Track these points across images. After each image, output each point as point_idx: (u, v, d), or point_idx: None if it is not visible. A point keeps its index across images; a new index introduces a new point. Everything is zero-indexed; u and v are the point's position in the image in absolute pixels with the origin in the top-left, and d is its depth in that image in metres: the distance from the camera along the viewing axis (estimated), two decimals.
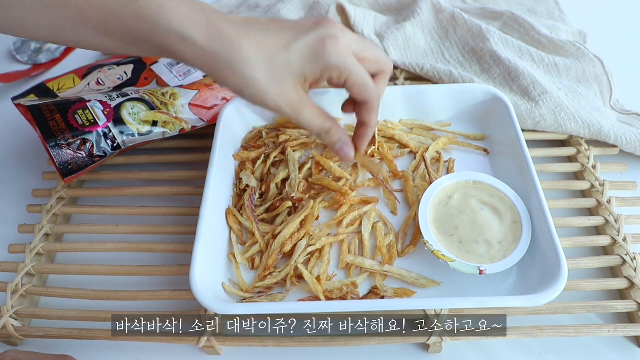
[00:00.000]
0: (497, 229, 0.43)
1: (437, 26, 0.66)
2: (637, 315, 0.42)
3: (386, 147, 0.51)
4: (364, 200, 0.48)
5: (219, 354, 0.42)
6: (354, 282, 0.42)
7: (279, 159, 0.51)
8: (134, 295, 0.44)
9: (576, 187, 0.51)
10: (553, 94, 0.54)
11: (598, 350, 0.42)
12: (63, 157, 0.48)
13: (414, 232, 0.46)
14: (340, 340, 0.41)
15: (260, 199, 0.48)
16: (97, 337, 0.42)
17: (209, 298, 0.38)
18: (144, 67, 0.57)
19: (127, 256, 0.48)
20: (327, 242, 0.44)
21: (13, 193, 0.55)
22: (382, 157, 0.50)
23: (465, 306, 0.40)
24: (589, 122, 0.53)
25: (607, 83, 0.59)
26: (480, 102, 0.52)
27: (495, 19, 0.67)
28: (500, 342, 0.42)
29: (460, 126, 0.54)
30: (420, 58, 0.64)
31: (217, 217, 0.45)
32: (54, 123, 0.48)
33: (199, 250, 0.41)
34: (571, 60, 0.60)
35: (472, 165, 0.51)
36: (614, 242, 0.46)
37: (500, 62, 0.59)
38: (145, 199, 0.53)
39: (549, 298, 0.37)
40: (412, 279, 0.42)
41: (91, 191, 0.53)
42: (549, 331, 0.41)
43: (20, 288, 0.45)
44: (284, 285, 0.43)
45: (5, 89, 0.66)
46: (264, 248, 0.45)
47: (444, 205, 0.45)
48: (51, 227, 0.49)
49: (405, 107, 0.53)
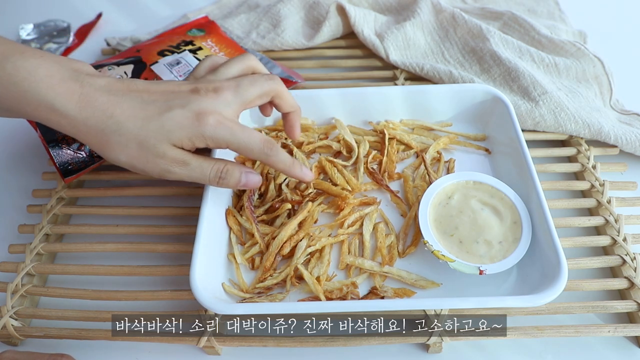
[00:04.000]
0: (497, 229, 0.43)
1: (437, 26, 0.66)
2: (637, 315, 0.42)
3: (394, 149, 0.51)
4: (364, 202, 0.48)
5: (218, 354, 0.42)
6: (354, 282, 0.42)
7: None
8: (134, 295, 0.44)
9: (576, 187, 0.51)
10: (553, 94, 0.54)
11: (598, 350, 0.42)
12: (63, 157, 0.48)
13: (415, 232, 0.46)
14: (340, 340, 0.41)
15: (259, 200, 0.48)
16: (97, 337, 0.42)
17: (209, 298, 0.38)
18: (144, 67, 0.57)
19: (127, 256, 0.48)
20: (327, 242, 0.44)
21: (13, 193, 0.55)
22: (388, 158, 0.50)
23: (465, 306, 0.40)
24: (589, 122, 0.53)
25: (607, 83, 0.59)
26: (480, 102, 0.52)
27: (495, 19, 0.67)
28: (500, 342, 0.42)
29: (460, 126, 0.54)
30: (420, 58, 0.64)
31: (217, 217, 0.45)
32: None
33: (199, 251, 0.41)
34: (571, 60, 0.59)
35: (472, 165, 0.51)
36: (614, 242, 0.46)
37: (500, 62, 0.59)
38: (145, 199, 0.53)
39: (549, 298, 0.37)
40: (412, 280, 0.42)
41: (91, 191, 0.53)
42: (549, 331, 0.41)
43: (20, 288, 0.45)
44: (284, 286, 0.43)
45: None
46: (264, 249, 0.45)
47: (444, 206, 0.45)
48: (51, 227, 0.49)
49: (405, 107, 0.53)
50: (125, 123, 0.36)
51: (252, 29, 0.69)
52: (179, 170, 0.38)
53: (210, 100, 0.38)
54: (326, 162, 0.49)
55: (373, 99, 0.53)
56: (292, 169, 0.42)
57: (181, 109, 0.37)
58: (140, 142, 0.37)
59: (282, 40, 0.66)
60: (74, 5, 0.79)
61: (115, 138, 0.37)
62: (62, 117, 0.36)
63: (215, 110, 0.37)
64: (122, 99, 0.37)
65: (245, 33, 0.69)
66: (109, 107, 0.36)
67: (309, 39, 0.67)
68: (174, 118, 0.37)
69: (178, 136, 0.37)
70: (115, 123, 0.36)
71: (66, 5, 0.79)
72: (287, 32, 0.67)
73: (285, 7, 0.69)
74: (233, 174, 0.40)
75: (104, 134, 0.36)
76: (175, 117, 0.37)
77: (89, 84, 0.37)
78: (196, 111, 0.37)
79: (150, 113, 0.37)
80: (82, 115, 0.36)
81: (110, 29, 0.75)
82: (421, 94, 0.53)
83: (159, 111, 0.37)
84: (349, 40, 0.68)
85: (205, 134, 0.37)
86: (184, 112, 0.37)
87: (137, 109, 0.37)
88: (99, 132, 0.36)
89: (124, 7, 0.79)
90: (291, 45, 0.66)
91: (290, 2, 0.69)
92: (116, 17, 0.77)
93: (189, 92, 0.38)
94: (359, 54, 0.66)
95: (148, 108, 0.37)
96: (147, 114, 0.37)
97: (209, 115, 0.37)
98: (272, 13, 0.69)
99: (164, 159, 0.37)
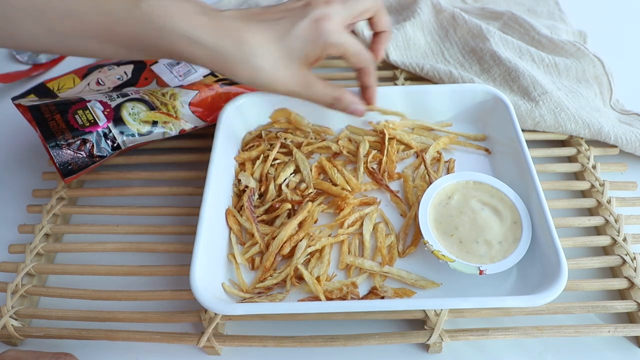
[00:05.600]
0: (497, 229, 0.43)
1: (437, 26, 0.66)
2: (637, 315, 0.42)
3: (394, 149, 0.51)
4: (365, 202, 0.48)
5: (218, 354, 0.42)
6: (354, 282, 0.42)
7: (280, 161, 0.51)
8: (134, 295, 0.44)
9: (576, 187, 0.51)
10: (553, 94, 0.54)
11: (598, 350, 0.42)
12: (63, 157, 0.48)
13: (415, 232, 0.46)
14: (340, 340, 0.41)
15: (259, 200, 0.48)
16: (97, 337, 0.42)
17: (209, 298, 0.38)
18: (144, 67, 0.57)
19: (127, 256, 0.48)
20: (328, 242, 0.44)
21: (13, 193, 0.55)
22: (388, 158, 0.50)
23: (465, 306, 0.40)
24: (589, 122, 0.53)
25: (607, 83, 0.59)
26: (480, 102, 0.52)
27: (495, 19, 0.67)
28: (500, 342, 0.42)
29: (460, 126, 0.54)
30: (420, 58, 0.64)
31: (217, 217, 0.45)
32: (54, 123, 0.48)
33: (199, 251, 0.41)
34: (571, 60, 0.60)
35: (472, 165, 0.51)
36: (614, 242, 0.46)
37: (500, 62, 0.59)
38: (145, 199, 0.53)
39: (549, 298, 0.37)
40: (412, 280, 0.42)
41: (91, 191, 0.53)
42: (549, 331, 0.41)
43: (20, 288, 0.45)
44: (284, 286, 0.43)
45: (5, 89, 0.66)
46: (264, 249, 0.45)
47: (444, 206, 0.45)
48: (51, 227, 0.49)
49: (405, 107, 0.53)
50: (260, 47, 0.39)
51: None
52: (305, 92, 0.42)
53: (324, 8, 0.40)
54: (326, 162, 0.49)
55: None
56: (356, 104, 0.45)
57: (302, 20, 0.40)
58: (273, 63, 0.40)
59: None
60: None
61: (253, 62, 0.39)
62: (200, 47, 0.38)
63: (329, 15, 0.40)
64: (249, 25, 0.40)
65: None
66: (241, 34, 0.39)
67: None
68: (299, 32, 0.40)
69: (305, 52, 0.40)
70: (250, 49, 0.39)
71: None
72: None
73: None
74: (343, 101, 0.43)
75: (243, 59, 0.39)
76: (299, 31, 0.40)
77: (217, 15, 0.39)
78: (314, 18, 0.40)
79: (278, 32, 0.40)
80: (218, 45, 0.39)
81: None
82: (421, 94, 0.53)
83: (285, 29, 0.40)
84: None
85: (327, 39, 0.40)
86: (306, 23, 0.40)
87: (265, 32, 0.40)
88: (234, 59, 0.39)
89: None
90: None
91: None
92: None
93: (304, 7, 0.41)
94: None
95: (275, 28, 0.40)
96: (275, 34, 0.40)
97: (325, 20, 0.40)
98: None
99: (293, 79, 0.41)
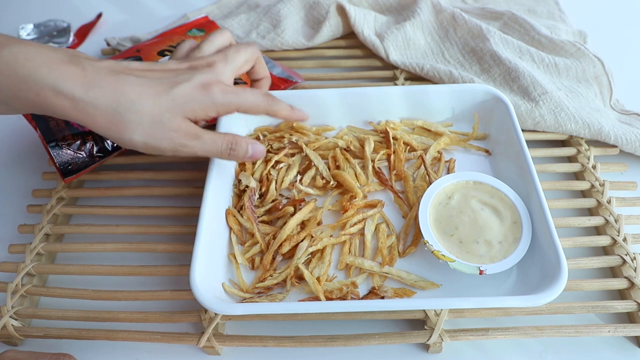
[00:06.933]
0: (497, 229, 0.43)
1: (437, 26, 0.66)
2: (637, 315, 0.42)
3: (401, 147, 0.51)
4: (368, 204, 0.48)
5: (218, 354, 0.42)
6: (354, 282, 0.42)
7: (282, 163, 0.51)
8: (134, 295, 0.44)
9: (576, 187, 0.51)
10: (553, 94, 0.54)
11: (598, 350, 0.42)
12: (63, 157, 0.48)
13: (415, 232, 0.46)
14: (340, 340, 0.41)
15: (259, 200, 0.48)
16: (97, 337, 0.42)
17: (209, 298, 0.38)
18: None
19: (127, 256, 0.48)
20: (329, 242, 0.44)
21: (13, 193, 0.55)
22: (396, 157, 0.50)
23: (465, 306, 0.40)
24: (589, 122, 0.53)
25: (607, 83, 0.59)
26: (480, 102, 0.52)
27: (495, 19, 0.67)
28: (500, 342, 0.42)
29: (460, 126, 0.54)
30: (420, 58, 0.64)
31: (217, 217, 0.45)
32: (54, 123, 0.48)
33: (199, 251, 0.41)
34: (571, 60, 0.60)
35: (472, 165, 0.51)
36: (614, 242, 0.46)
37: (500, 62, 0.59)
38: (145, 199, 0.53)
39: (549, 298, 0.37)
40: (412, 280, 0.42)
41: (91, 191, 0.53)
42: (549, 331, 0.41)
43: (20, 288, 0.45)
44: (284, 286, 0.43)
45: None
46: (265, 249, 0.45)
47: (444, 206, 0.45)
48: (51, 227, 0.49)
49: (405, 107, 0.53)
50: (138, 100, 0.37)
51: (252, 29, 0.69)
52: (193, 144, 0.40)
53: (209, 73, 0.40)
54: (340, 155, 0.49)
55: (373, 99, 0.53)
56: (293, 113, 0.45)
57: (187, 82, 0.39)
58: (154, 117, 0.37)
59: (282, 40, 0.66)
60: (74, 5, 0.79)
61: (128, 116, 0.37)
62: (68, 99, 0.35)
63: (217, 80, 0.40)
64: (127, 78, 0.37)
65: (245, 33, 0.69)
66: (118, 86, 0.36)
67: (309, 39, 0.67)
68: (183, 92, 0.38)
69: (191, 108, 0.39)
70: (128, 101, 0.36)
71: (66, 5, 0.79)
72: (287, 32, 0.67)
73: (285, 7, 0.69)
74: (241, 145, 0.42)
75: (117, 112, 0.36)
76: (184, 90, 0.38)
77: (90, 65, 0.36)
78: (201, 83, 0.39)
79: (159, 90, 0.38)
80: (89, 96, 0.35)
81: (110, 29, 0.75)
82: (421, 94, 0.53)
83: (167, 87, 0.38)
84: (349, 40, 0.68)
85: (216, 101, 0.39)
86: (191, 85, 0.39)
87: (146, 87, 0.37)
88: (110, 112, 0.36)
89: (124, 7, 0.79)
90: (291, 45, 0.66)
91: (290, 2, 0.69)
92: (116, 17, 0.77)
93: (188, 69, 0.40)
94: (359, 54, 0.66)
95: (155, 85, 0.38)
96: (156, 90, 0.38)
97: (213, 85, 0.39)
98: (272, 13, 0.69)
99: (177, 133, 0.38)
